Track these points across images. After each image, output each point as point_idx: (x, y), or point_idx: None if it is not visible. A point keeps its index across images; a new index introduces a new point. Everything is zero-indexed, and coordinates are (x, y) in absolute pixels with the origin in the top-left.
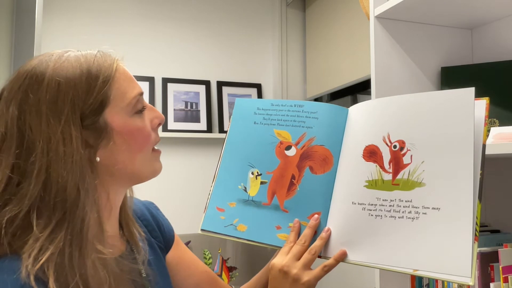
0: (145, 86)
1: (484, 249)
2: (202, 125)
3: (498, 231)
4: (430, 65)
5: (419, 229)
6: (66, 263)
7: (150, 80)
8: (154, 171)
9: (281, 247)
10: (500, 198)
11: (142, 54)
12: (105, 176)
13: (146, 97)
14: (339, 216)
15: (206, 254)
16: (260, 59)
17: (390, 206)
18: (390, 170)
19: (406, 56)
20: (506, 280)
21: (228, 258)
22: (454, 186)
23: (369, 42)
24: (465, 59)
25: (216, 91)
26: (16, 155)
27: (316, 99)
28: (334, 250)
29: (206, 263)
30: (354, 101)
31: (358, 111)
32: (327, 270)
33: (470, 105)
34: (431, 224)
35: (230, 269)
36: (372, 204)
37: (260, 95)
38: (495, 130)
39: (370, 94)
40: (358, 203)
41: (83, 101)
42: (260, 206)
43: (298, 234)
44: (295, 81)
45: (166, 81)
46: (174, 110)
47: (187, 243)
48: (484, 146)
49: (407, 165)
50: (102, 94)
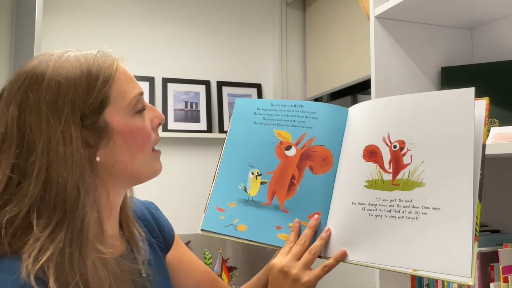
0: (145, 86)
1: (484, 249)
2: (202, 125)
3: (498, 231)
4: (430, 65)
5: (419, 229)
6: (66, 263)
7: (150, 80)
8: (154, 171)
9: (281, 247)
10: (500, 198)
11: (142, 54)
12: (105, 176)
13: (146, 97)
14: (339, 216)
15: (206, 254)
16: (260, 59)
17: (390, 206)
18: (390, 170)
19: (406, 56)
20: (506, 280)
21: (228, 258)
22: (454, 186)
23: (369, 42)
24: (465, 59)
25: (216, 91)
26: (16, 155)
27: (316, 99)
28: (334, 250)
29: (206, 263)
30: (354, 101)
31: (358, 111)
32: (327, 270)
33: (470, 105)
34: (431, 224)
35: (230, 269)
36: (372, 204)
37: (260, 95)
38: (495, 130)
39: (370, 94)
40: (358, 203)
41: (83, 101)
42: (260, 206)
43: (298, 234)
44: (295, 81)
45: (166, 81)
46: (174, 110)
47: (187, 243)
48: (484, 146)
49: (407, 165)
50: (102, 94)
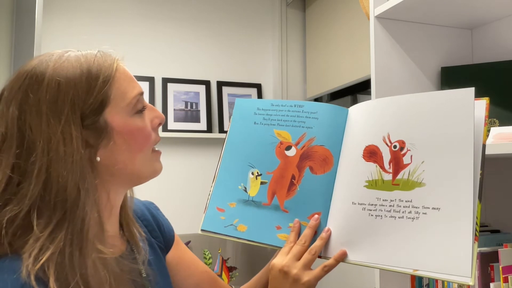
0: (145, 86)
1: (484, 249)
2: (202, 125)
3: (498, 231)
4: (430, 65)
5: (419, 229)
6: (67, 263)
7: (150, 80)
8: (154, 171)
9: (281, 247)
10: (500, 198)
11: (142, 54)
12: (105, 176)
13: (146, 97)
14: (339, 216)
15: (206, 254)
16: (260, 59)
17: (390, 206)
18: (390, 170)
19: (406, 56)
20: (506, 280)
21: (228, 258)
22: (454, 186)
23: (369, 42)
24: (465, 59)
25: (216, 91)
26: (16, 155)
27: (316, 99)
28: (334, 250)
29: (206, 263)
30: (354, 101)
31: (358, 111)
32: (327, 270)
33: (470, 105)
34: (431, 224)
35: (230, 269)
36: (372, 204)
37: (260, 95)
38: (495, 130)
39: (370, 94)
40: (358, 203)
41: (83, 101)
42: (260, 206)
43: (298, 234)
44: (295, 81)
45: (166, 81)
46: (174, 110)
47: (187, 243)
48: (484, 146)
49: (407, 165)
50: (102, 94)
